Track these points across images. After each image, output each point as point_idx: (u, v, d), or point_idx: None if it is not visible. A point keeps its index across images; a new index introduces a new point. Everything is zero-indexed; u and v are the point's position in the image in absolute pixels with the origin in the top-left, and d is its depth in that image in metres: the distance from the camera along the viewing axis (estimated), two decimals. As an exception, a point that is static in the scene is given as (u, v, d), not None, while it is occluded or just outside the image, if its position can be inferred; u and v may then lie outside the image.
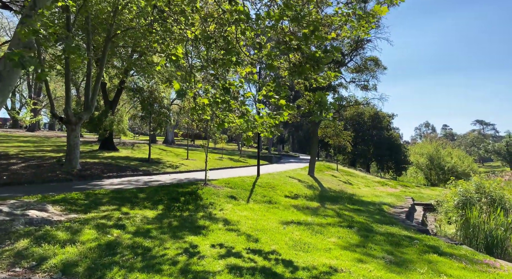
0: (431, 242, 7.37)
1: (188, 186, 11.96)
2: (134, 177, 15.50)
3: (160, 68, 7.57)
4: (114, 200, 8.79)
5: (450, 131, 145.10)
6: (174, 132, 46.57)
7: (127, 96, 27.30)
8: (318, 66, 6.12)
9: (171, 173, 17.88)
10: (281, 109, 6.61)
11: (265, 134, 6.49)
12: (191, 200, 9.86)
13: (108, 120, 23.29)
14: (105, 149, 24.17)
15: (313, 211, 10.69)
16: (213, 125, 12.78)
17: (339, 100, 7.31)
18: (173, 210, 8.52)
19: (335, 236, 7.09)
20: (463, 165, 44.85)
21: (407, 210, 14.04)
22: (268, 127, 6.27)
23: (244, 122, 5.88)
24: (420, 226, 10.45)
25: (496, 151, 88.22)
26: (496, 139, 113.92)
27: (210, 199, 10.39)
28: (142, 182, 13.32)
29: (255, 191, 12.97)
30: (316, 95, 6.54)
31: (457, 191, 13.12)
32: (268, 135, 6.44)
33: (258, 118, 6.00)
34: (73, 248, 4.80)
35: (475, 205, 12.00)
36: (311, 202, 12.79)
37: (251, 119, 5.94)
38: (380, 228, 8.69)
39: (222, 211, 9.15)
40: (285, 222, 8.32)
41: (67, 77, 13.93)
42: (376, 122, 47.39)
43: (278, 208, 10.60)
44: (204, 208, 9.16)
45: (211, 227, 7.04)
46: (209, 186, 12.15)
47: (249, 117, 5.94)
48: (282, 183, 16.09)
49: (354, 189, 22.05)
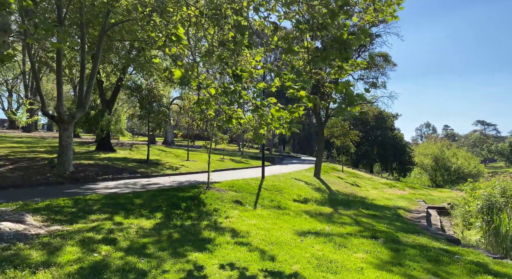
0: (472, 256, 6.37)
1: (190, 189, 10.96)
2: (131, 179, 14.50)
3: (158, 61, 6.66)
4: (106, 206, 7.78)
5: (451, 132, 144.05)
6: (173, 133, 45.58)
7: (125, 95, 26.30)
8: (346, 50, 5.14)
9: (171, 175, 16.88)
10: (301, 102, 5.63)
11: (281, 131, 5.50)
12: (193, 206, 8.86)
13: (105, 120, 22.28)
14: (102, 150, 23.16)
15: (327, 218, 9.69)
16: (217, 123, 11.78)
17: (368, 91, 6.32)
18: (173, 218, 7.52)
19: (362, 250, 6.09)
20: (470, 166, 43.84)
21: (424, 215, 13.06)
22: (285, 123, 5.29)
23: (258, 117, 4.89)
24: (449, 235, 9.45)
25: (499, 152, 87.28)
26: (498, 139, 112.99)
27: (214, 204, 9.39)
28: (140, 185, 12.32)
29: (262, 194, 11.97)
30: (340, 86, 5.55)
31: (481, 195, 12.13)
32: (286, 132, 5.45)
33: (274, 112, 5.00)
34: (46, 274, 3.80)
35: (503, 210, 11.01)
36: (323, 207, 11.78)
37: (266, 113, 4.95)
38: (407, 238, 7.69)
39: (228, 218, 8.15)
40: (301, 232, 7.31)
41: (58, 71, 12.93)
42: (380, 122, 46.37)
43: (289, 215, 9.59)
44: (208, 215, 8.16)
45: (217, 240, 6.03)
46: (212, 190, 11.15)
47: (264, 111, 4.95)
48: (289, 186, 15.09)
49: (363, 191, 21.04)
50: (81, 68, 13.55)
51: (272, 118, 5.13)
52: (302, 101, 5.60)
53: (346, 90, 5.58)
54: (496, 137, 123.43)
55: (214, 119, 11.84)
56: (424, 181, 47.64)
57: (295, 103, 5.86)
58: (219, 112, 13.77)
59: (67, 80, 24.16)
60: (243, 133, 40.25)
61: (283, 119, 5.19)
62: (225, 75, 5.67)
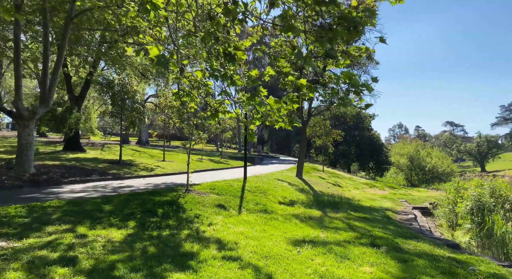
0: (484, 266, 5.80)
1: (167, 193, 9.92)
2: (101, 181, 13.23)
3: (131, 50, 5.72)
4: (69, 215, 6.66)
5: (422, 132, 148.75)
6: (148, 133, 43.82)
7: (96, 92, 24.65)
8: (356, 29, 4.37)
9: (145, 177, 15.69)
10: (300, 91, 4.82)
11: (280, 126, 4.66)
12: (171, 212, 7.86)
13: (73, 118, 20.67)
14: (70, 150, 21.49)
15: (318, 222, 8.96)
16: (196, 121, 10.81)
17: (376, 80, 5.61)
18: (148, 227, 6.51)
19: (367, 263, 5.36)
20: (443, 165, 44.88)
21: (413, 217, 12.66)
22: (285, 115, 4.46)
23: (257, 106, 4.04)
24: (447, 240, 8.96)
25: (467, 151, 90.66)
26: (466, 140, 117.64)
27: (195, 209, 8.42)
28: (111, 188, 11.15)
29: (246, 197, 11.10)
30: (343, 75, 4.80)
31: (470, 195, 11.82)
32: (286, 126, 4.62)
33: (273, 103, 4.15)
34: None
35: (493, 211, 10.71)
36: (311, 209, 11.06)
37: (264, 103, 4.09)
38: (407, 244, 7.07)
39: (211, 226, 7.23)
40: (295, 240, 6.51)
41: (16, 62, 11.49)
42: (358, 122, 46.63)
43: (277, 219, 8.78)
44: (189, 223, 7.20)
45: (202, 254, 5.11)
46: (192, 193, 10.16)
47: (262, 101, 4.08)
48: (272, 187, 14.30)
49: (345, 191, 20.60)
50: (43, 59, 12.13)
51: (271, 110, 4.29)
52: (301, 91, 4.79)
53: (352, 79, 4.83)
54: (464, 137, 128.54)
55: (195, 115, 10.86)
56: (399, 180, 48.31)
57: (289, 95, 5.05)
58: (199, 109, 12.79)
59: (30, 74, 22.23)
60: (222, 133, 39.21)
61: (282, 111, 4.36)
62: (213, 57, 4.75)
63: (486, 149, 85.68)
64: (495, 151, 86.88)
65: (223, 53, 3.78)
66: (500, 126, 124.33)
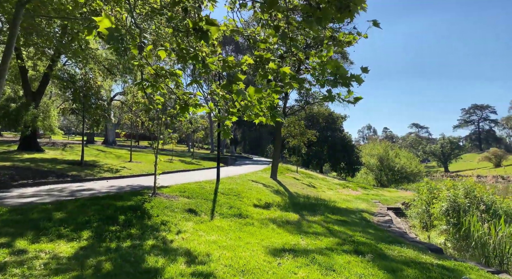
0: (474, 274, 5.45)
1: (131, 197, 8.98)
2: (58, 184, 12.01)
3: (93, 36, 4.92)
4: (8, 225, 5.64)
5: (390, 134, 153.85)
6: (115, 132, 41.79)
7: (57, 87, 22.91)
8: (349, 8, 3.81)
9: (109, 179, 14.53)
10: (283, 82, 4.19)
11: (261, 120, 4.01)
12: (135, 218, 6.98)
13: (29, 115, 18.96)
14: (26, 150, 19.72)
15: (297, 227, 8.40)
16: (165, 118, 9.94)
17: (366, 71, 5.01)
18: (106, 238, 5.63)
19: (354, 275, 4.81)
20: (411, 165, 46.13)
21: (390, 218, 12.45)
22: (266, 108, 3.81)
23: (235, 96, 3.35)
24: (430, 244, 8.67)
25: (432, 152, 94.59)
26: (430, 141, 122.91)
27: (162, 215, 7.59)
28: (68, 192, 10.04)
29: (219, 200, 10.36)
30: (329, 65, 4.25)
31: (445, 196, 11.74)
32: (268, 121, 3.97)
33: (253, 93, 3.47)
34: None
35: (468, 212, 10.63)
36: (287, 212, 10.51)
37: (243, 92, 3.40)
38: (392, 250, 6.64)
39: (180, 234, 6.46)
40: (274, 249, 5.87)
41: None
42: (331, 123, 47.02)
43: (253, 225, 8.12)
44: (155, 231, 6.38)
45: (167, 271, 4.35)
46: (159, 197, 9.29)
47: (240, 89, 3.40)
48: (247, 189, 13.63)
49: (319, 192, 20.32)
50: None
51: (251, 102, 3.62)
52: (284, 82, 4.15)
53: (339, 69, 4.28)
54: (429, 139, 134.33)
55: (163, 112, 9.98)
56: (369, 180, 49.18)
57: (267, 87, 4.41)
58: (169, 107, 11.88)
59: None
60: (193, 133, 38.07)
61: (264, 104, 3.71)
62: (181, 34, 4.01)
63: (449, 150, 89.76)
64: (457, 152, 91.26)
65: (192, 29, 3.07)
66: (461, 129, 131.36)
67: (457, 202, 11.17)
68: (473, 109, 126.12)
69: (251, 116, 4.36)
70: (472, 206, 11.17)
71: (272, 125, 26.72)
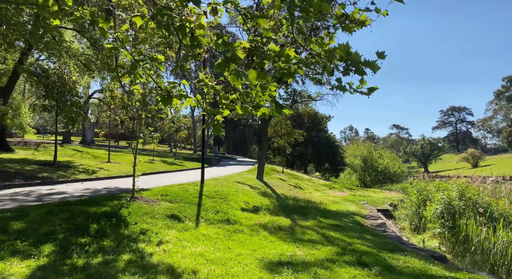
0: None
1: (107, 201, 8.07)
2: (26, 187, 10.93)
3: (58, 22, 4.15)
4: (-48, 240, 4.70)
5: (371, 135, 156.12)
6: (94, 132, 40.08)
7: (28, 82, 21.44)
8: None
9: (84, 180, 13.49)
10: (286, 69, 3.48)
11: (263, 113, 3.29)
12: (109, 228, 6.12)
13: (-3, 112, 17.56)
14: (-7, 150, 18.30)
15: (290, 234, 7.72)
16: (146, 114, 9.07)
17: (382, 57, 4.25)
18: (72, 253, 4.76)
19: (366, 292, 4.16)
20: (395, 166, 46.47)
21: (382, 222, 11.98)
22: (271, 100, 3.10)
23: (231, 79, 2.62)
24: (432, 251, 8.15)
25: (413, 153, 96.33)
26: (410, 142, 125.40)
27: (141, 223, 6.74)
28: (35, 196, 9.02)
29: (204, 204, 9.56)
30: (339, 50, 3.59)
31: (440, 198, 11.33)
32: (273, 112, 3.26)
33: (254, 76, 2.74)
34: None
35: (465, 215, 10.25)
36: (278, 217, 9.82)
37: (244, 73, 2.67)
38: (396, 260, 6.05)
39: (162, 245, 5.65)
40: (269, 263, 5.16)
41: None
42: (316, 124, 46.78)
43: (243, 232, 7.38)
44: (132, 243, 5.55)
45: (145, 296, 3.57)
46: (139, 201, 8.41)
47: (239, 70, 2.67)
48: (233, 191, 12.87)
49: (307, 194, 19.79)
50: None
51: (252, 87, 2.91)
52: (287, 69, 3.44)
53: (350, 55, 3.63)
54: (409, 140, 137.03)
55: (143, 108, 9.10)
56: (353, 181, 49.25)
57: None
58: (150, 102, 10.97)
59: None
60: (176, 133, 36.95)
61: (266, 93, 2.99)
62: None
63: (429, 151, 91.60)
64: (437, 152, 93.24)
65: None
66: (440, 130, 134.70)
67: (452, 204, 10.78)
68: (451, 111, 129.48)
69: (247, 109, 3.63)
70: (467, 209, 10.81)
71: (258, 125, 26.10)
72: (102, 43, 19.73)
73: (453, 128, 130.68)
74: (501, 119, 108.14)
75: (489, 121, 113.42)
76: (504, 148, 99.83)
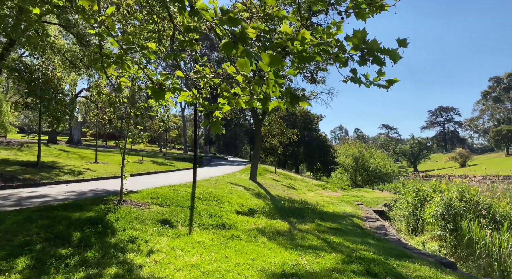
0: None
1: (92, 206, 7.48)
2: (5, 190, 10.24)
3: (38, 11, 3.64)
4: None
5: (361, 134, 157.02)
6: (81, 131, 39.00)
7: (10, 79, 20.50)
8: None
9: (70, 182, 12.80)
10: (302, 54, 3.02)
11: (273, 106, 2.82)
12: (94, 236, 5.55)
13: (-24, 110, 16.66)
14: (-27, 150, 17.38)
15: (290, 239, 7.26)
16: (134, 112, 8.50)
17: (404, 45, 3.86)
18: (50, 267, 4.21)
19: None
20: (386, 166, 46.53)
21: (381, 224, 11.63)
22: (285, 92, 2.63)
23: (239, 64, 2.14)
24: (440, 257, 7.77)
25: (402, 153, 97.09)
26: (400, 142, 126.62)
27: (129, 229, 6.19)
28: (14, 200, 8.38)
29: (197, 207, 9.03)
30: (354, 37, 3.15)
31: (440, 200, 11.03)
32: (289, 106, 2.79)
33: (267, 61, 2.26)
34: None
35: (467, 217, 9.95)
36: (274, 220, 9.36)
37: (257, 54, 2.18)
38: (406, 268, 5.65)
39: (152, 254, 5.12)
40: (272, 274, 4.69)
41: None
42: (307, 123, 46.51)
43: (240, 238, 6.89)
44: (119, 253, 5.00)
45: (134, 321, 3.05)
46: (127, 205, 7.84)
47: (250, 51, 2.18)
48: (227, 193, 12.37)
49: (301, 194, 19.39)
50: None
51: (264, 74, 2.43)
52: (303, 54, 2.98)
53: (367, 43, 3.20)
54: (398, 140, 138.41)
55: (132, 105, 8.52)
56: (344, 180, 49.17)
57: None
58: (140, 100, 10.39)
59: None
60: (166, 132, 36.19)
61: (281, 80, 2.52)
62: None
63: (418, 150, 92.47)
64: (426, 152, 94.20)
65: None
66: (428, 129, 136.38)
67: (453, 205, 10.48)
68: (439, 111, 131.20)
69: (252, 103, 3.15)
70: (468, 210, 10.53)
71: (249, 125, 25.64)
72: (89, 39, 18.99)
73: (441, 128, 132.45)
74: (488, 119, 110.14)
75: (476, 121, 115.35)
76: (490, 147, 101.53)
